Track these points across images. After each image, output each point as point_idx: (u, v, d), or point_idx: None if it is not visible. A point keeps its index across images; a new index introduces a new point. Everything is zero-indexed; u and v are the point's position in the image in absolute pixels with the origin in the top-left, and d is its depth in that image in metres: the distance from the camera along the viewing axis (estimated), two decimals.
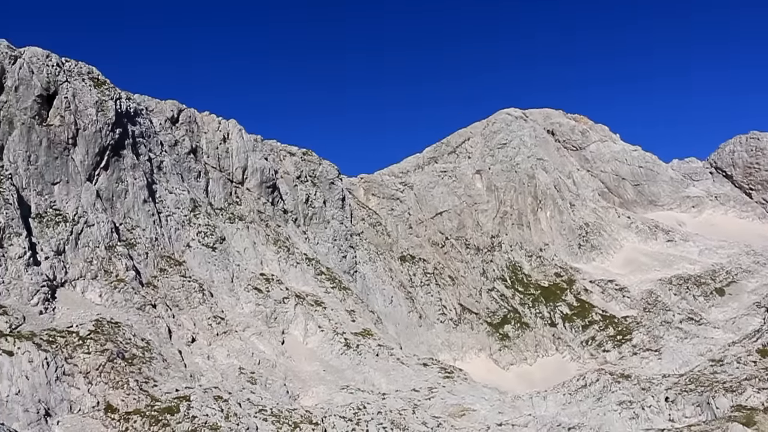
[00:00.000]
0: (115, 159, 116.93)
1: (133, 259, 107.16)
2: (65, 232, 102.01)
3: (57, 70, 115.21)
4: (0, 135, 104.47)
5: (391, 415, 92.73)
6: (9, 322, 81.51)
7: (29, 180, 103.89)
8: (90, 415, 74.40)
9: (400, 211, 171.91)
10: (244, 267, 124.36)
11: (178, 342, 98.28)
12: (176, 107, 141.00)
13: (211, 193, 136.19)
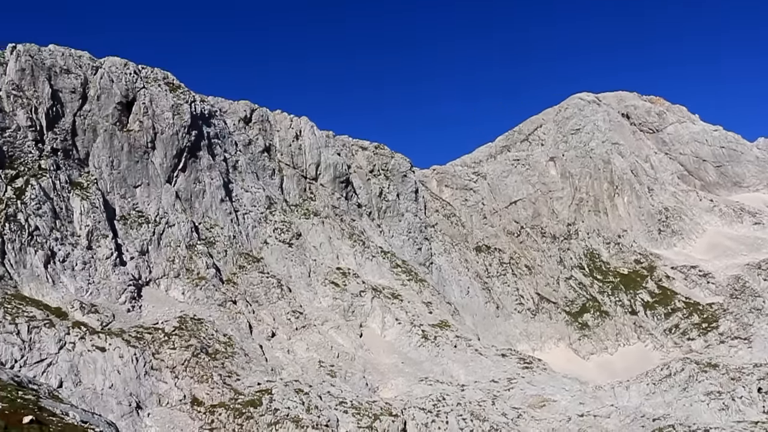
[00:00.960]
0: (192, 160, 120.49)
1: (212, 257, 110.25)
2: (148, 232, 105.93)
3: (134, 77, 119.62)
4: (85, 142, 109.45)
5: (471, 407, 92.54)
6: (100, 319, 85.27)
7: (113, 184, 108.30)
8: (177, 408, 77.17)
9: (474, 202, 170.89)
10: (320, 262, 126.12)
11: (259, 337, 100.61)
12: (249, 107, 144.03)
13: (286, 190, 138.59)
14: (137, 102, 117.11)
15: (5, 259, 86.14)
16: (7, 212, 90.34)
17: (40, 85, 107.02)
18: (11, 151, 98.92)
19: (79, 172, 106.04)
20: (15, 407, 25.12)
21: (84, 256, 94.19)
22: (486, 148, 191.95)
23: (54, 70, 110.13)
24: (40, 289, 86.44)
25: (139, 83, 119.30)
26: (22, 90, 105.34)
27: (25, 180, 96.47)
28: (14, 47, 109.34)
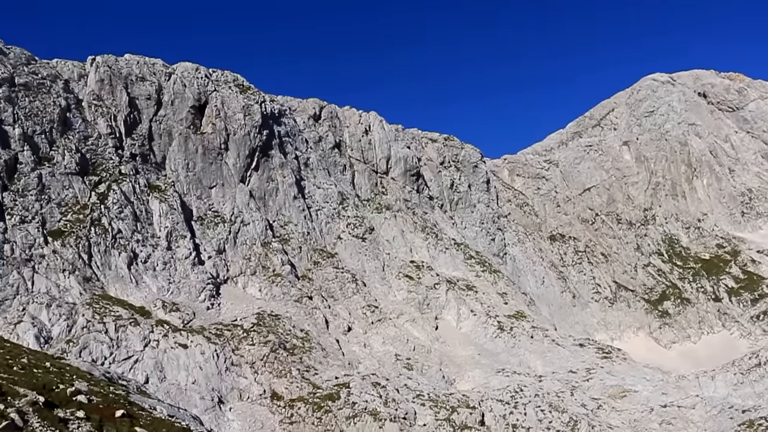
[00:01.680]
0: (265, 159, 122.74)
1: (287, 254, 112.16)
2: (224, 232, 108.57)
3: (206, 81, 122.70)
4: (162, 146, 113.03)
5: (549, 398, 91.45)
6: (181, 317, 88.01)
7: (189, 186, 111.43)
8: (258, 402, 78.98)
9: (547, 190, 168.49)
10: (394, 255, 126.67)
11: (335, 331, 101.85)
12: (318, 104, 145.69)
13: (358, 185, 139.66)
14: (209, 105, 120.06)
15: (92, 261, 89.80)
16: (92, 217, 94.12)
17: (118, 93, 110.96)
18: (94, 159, 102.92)
19: (157, 175, 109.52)
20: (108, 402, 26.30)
21: (164, 257, 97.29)
22: (557, 135, 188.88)
23: (130, 78, 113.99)
24: (125, 290, 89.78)
25: (211, 86, 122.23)
26: (101, 99, 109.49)
27: (107, 185, 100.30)
28: (93, 59, 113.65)
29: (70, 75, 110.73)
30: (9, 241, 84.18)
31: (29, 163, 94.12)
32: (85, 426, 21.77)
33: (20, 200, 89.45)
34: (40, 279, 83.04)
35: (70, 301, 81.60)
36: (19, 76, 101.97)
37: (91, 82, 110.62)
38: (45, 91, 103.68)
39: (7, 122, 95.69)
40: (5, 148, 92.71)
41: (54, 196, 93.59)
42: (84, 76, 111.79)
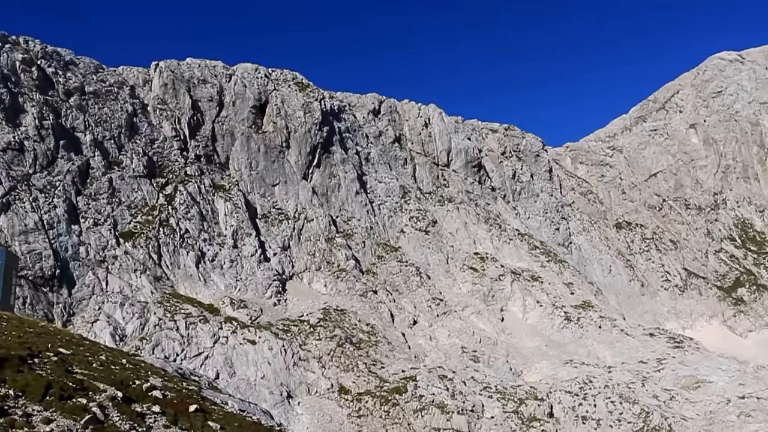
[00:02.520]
0: (326, 156, 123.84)
1: (351, 249, 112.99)
2: (288, 228, 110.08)
3: (265, 80, 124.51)
4: (225, 147, 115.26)
5: (619, 389, 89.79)
6: (249, 314, 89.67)
7: (253, 184, 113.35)
8: (326, 396, 79.92)
9: (611, 177, 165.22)
10: (457, 248, 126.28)
11: (401, 325, 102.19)
12: (377, 99, 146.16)
13: (419, 178, 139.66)
14: (270, 104, 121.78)
15: (162, 261, 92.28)
16: (160, 218, 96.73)
17: (181, 97, 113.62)
18: (160, 161, 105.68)
19: (221, 175, 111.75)
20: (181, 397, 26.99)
21: (231, 255, 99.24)
22: (620, 121, 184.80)
23: (192, 81, 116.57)
24: (194, 288, 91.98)
25: (270, 86, 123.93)
26: (165, 103, 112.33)
27: (174, 187, 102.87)
28: (157, 64, 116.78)
29: (136, 81, 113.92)
30: (84, 244, 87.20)
31: (100, 168, 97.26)
32: (161, 420, 22.42)
33: (93, 204, 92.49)
34: (113, 279, 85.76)
35: (142, 300, 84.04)
36: (88, 85, 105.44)
37: (155, 87, 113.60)
38: (113, 98, 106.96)
39: (79, 129, 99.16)
40: (78, 154, 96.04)
41: (124, 199, 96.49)
42: (148, 81, 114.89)
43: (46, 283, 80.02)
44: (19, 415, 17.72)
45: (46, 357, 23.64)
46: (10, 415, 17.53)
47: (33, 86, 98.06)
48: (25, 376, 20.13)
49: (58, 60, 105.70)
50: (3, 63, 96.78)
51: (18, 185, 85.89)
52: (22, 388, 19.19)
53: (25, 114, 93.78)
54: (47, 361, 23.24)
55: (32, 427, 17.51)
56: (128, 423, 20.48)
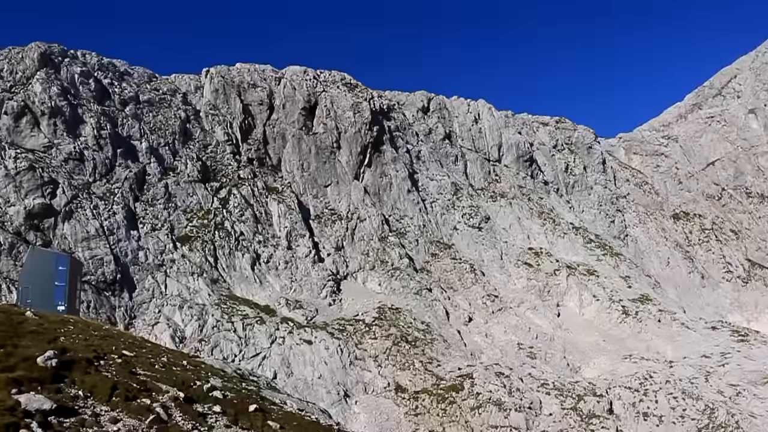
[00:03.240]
0: (377, 155, 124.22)
1: (404, 247, 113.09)
2: (341, 229, 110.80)
3: (314, 82, 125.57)
4: (276, 149, 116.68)
5: (681, 384, 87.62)
6: (305, 314, 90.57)
7: (305, 186, 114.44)
8: (383, 395, 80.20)
9: (667, 167, 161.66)
10: (511, 243, 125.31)
11: (456, 322, 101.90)
12: (425, 97, 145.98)
13: (470, 175, 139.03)
14: (319, 105, 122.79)
15: (218, 263, 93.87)
16: (216, 221, 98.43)
17: (232, 101, 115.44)
18: (214, 166, 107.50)
19: (274, 177, 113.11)
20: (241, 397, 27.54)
21: (285, 256, 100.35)
22: (675, 109, 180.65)
23: (243, 86, 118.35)
24: (250, 289, 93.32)
25: (319, 87, 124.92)
26: (217, 108, 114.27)
27: (228, 190, 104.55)
28: (208, 71, 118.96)
29: (188, 88, 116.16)
30: (143, 248, 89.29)
31: (156, 174, 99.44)
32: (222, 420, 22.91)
33: (150, 209, 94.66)
34: (172, 282, 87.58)
35: (200, 303, 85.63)
36: (142, 94, 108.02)
37: (206, 93, 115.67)
38: (166, 105, 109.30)
39: (135, 137, 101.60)
40: (134, 162, 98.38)
41: (180, 204, 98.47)
42: (200, 87, 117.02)
43: (108, 288, 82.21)
44: (88, 414, 18.35)
45: (111, 359, 24.38)
46: (80, 414, 18.17)
47: (91, 97, 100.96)
48: (92, 378, 20.81)
49: (114, 71, 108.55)
50: (63, 76, 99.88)
51: (79, 194, 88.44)
52: (90, 389, 19.85)
53: (84, 125, 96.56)
54: (112, 363, 23.96)
55: (101, 427, 18.11)
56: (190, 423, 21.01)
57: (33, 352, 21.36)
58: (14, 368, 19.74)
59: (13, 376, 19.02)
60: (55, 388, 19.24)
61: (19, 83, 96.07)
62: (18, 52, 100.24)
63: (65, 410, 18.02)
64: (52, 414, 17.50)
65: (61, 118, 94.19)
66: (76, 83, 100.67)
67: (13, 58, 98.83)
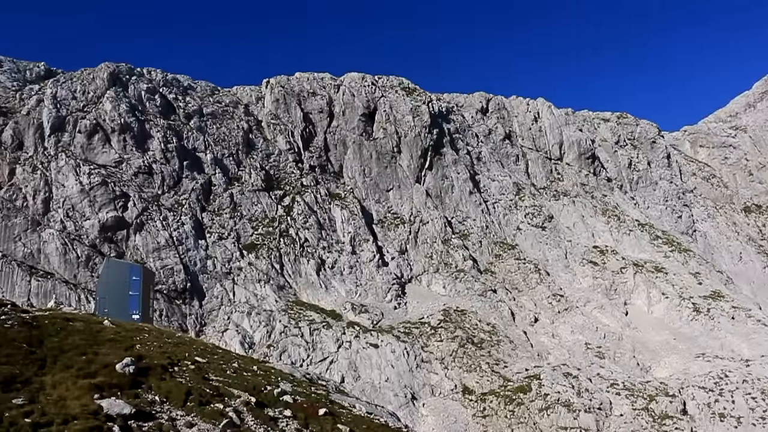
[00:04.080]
0: (437, 158, 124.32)
1: (468, 249, 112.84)
2: (405, 232, 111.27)
3: (372, 88, 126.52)
4: (337, 156, 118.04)
5: (760, 384, 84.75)
6: (370, 318, 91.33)
7: (367, 191, 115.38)
8: (450, 397, 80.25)
9: (736, 159, 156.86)
10: (575, 242, 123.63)
11: (522, 323, 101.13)
12: (484, 98, 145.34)
13: (532, 174, 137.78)
14: (378, 111, 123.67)
15: (284, 270, 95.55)
16: (280, 229, 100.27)
17: (293, 110, 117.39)
18: (277, 174, 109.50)
19: (336, 183, 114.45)
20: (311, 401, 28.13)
21: (349, 261, 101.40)
22: (742, 98, 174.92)
23: (302, 95, 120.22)
24: (315, 295, 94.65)
25: (378, 93, 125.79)
26: (278, 118, 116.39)
27: (291, 198, 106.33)
28: (268, 81, 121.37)
29: (249, 99, 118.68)
30: (211, 257, 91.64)
31: (221, 184, 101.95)
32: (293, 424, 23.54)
33: (217, 219, 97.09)
34: (239, 290, 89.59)
35: (267, 309, 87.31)
36: (206, 107, 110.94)
37: (267, 103, 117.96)
38: (229, 117, 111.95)
39: (200, 149, 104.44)
40: (200, 173, 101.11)
41: (245, 213, 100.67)
42: (261, 98, 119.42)
43: (178, 296, 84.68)
44: (165, 419, 19.21)
45: (184, 365, 25.30)
46: (157, 419, 19.05)
47: (157, 112, 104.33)
48: (167, 383, 21.72)
49: (178, 86, 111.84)
50: (131, 93, 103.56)
51: (149, 206, 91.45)
52: (166, 394, 20.75)
53: (152, 139, 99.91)
54: (186, 369, 24.87)
55: (177, 431, 18.94)
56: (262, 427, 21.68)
57: (112, 359, 22.42)
58: (95, 374, 20.80)
59: (95, 382, 20.05)
60: (133, 394, 20.19)
61: (90, 102, 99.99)
62: (89, 73, 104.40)
63: (143, 415, 18.92)
64: (132, 418, 18.41)
65: (130, 134, 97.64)
66: (143, 99, 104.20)
67: (84, 79, 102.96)
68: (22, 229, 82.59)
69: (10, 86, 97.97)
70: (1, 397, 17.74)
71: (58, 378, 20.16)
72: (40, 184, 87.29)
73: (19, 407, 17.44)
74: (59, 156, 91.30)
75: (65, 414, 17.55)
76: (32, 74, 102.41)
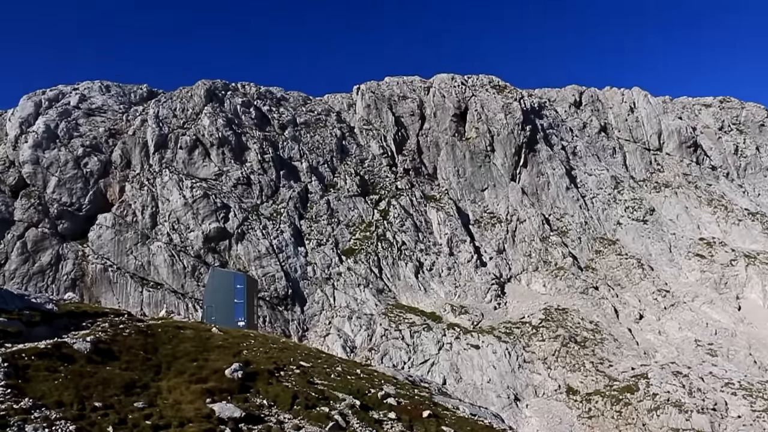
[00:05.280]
0: (531, 155, 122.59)
1: (567, 246, 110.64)
2: (502, 231, 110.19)
3: (462, 88, 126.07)
4: (431, 158, 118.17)
5: None
6: (470, 319, 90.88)
7: (462, 191, 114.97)
8: (554, 397, 78.77)
9: None
10: (680, 234, 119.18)
11: (626, 320, 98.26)
12: (576, 91, 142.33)
13: (630, 166, 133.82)
14: (470, 110, 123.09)
15: (382, 273, 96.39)
16: (378, 233, 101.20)
17: (384, 115, 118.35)
18: (371, 179, 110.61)
19: (431, 185, 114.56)
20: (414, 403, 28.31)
21: (447, 262, 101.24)
22: None
23: (393, 99, 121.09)
24: (414, 297, 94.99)
25: (468, 92, 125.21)
26: (370, 123, 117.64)
27: (387, 202, 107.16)
28: (358, 88, 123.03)
29: (341, 106, 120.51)
30: (310, 263, 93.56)
31: (317, 192, 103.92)
32: (397, 426, 23.75)
33: (315, 225, 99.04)
34: (339, 294, 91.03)
35: (367, 312, 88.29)
36: (299, 116, 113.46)
37: (359, 109, 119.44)
38: (322, 125, 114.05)
39: (296, 158, 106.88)
40: (296, 182, 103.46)
41: (342, 218, 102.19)
42: (352, 105, 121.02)
43: (281, 303, 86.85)
44: (273, 422, 19.82)
45: (290, 370, 25.97)
46: (266, 422, 19.67)
47: (252, 125, 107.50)
48: (274, 388, 22.38)
49: (271, 98, 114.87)
50: (227, 108, 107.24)
51: (249, 215, 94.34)
52: (273, 398, 21.38)
53: (249, 151, 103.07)
54: (291, 373, 25.53)
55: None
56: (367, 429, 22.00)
57: (221, 364, 23.30)
58: (206, 380, 21.70)
59: (206, 386, 20.93)
60: (242, 398, 20.96)
61: (189, 119, 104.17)
62: (187, 91, 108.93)
63: (253, 418, 19.59)
64: (242, 421, 19.10)
65: (227, 147, 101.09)
66: (239, 113, 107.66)
67: (183, 97, 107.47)
68: (133, 242, 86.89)
69: (117, 109, 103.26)
70: (124, 401, 18.81)
71: (173, 383, 21.16)
72: (147, 200, 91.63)
73: (140, 410, 18.50)
74: (163, 172, 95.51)
75: (181, 417, 18.42)
76: (136, 96, 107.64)
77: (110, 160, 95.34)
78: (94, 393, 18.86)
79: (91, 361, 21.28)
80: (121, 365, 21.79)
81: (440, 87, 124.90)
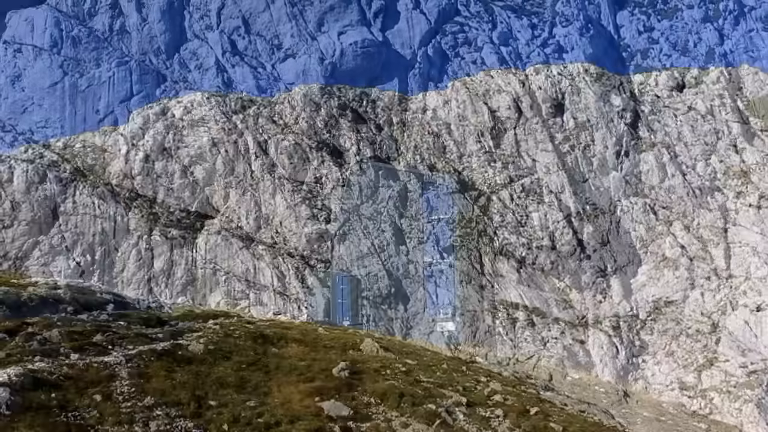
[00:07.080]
0: (633, 143, 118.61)
1: (675, 236, 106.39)
2: (605, 223, 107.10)
3: (558, 78, 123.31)
4: (529, 151, 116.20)
5: None
6: (576, 314, 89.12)
7: (562, 184, 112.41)
8: (665, 393, 76.27)
9: None
10: None
11: (742, 312, 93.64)
12: (678, 73, 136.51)
13: (740, 150, 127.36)
14: (566, 100, 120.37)
15: (484, 270, 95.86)
16: (478, 229, 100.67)
17: (479, 109, 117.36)
18: (470, 175, 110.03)
19: (530, 179, 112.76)
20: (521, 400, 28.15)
21: (550, 257, 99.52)
22: None
23: (488, 93, 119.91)
24: (517, 292, 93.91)
25: (564, 82, 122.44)
26: (466, 119, 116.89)
27: (486, 197, 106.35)
28: (453, 84, 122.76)
29: (436, 103, 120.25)
30: (412, 262, 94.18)
31: (416, 190, 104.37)
32: (505, 423, 23.69)
33: (415, 224, 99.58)
34: (442, 292, 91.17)
35: (470, 309, 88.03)
36: (395, 116, 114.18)
37: (453, 105, 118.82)
38: (417, 124, 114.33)
39: (393, 158, 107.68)
40: (395, 181, 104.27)
41: (442, 216, 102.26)
42: (447, 101, 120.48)
43: (384, 301, 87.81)
44: (380, 420, 20.14)
45: (395, 368, 26.31)
46: (373, 420, 20.01)
47: (349, 127, 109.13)
48: (381, 386, 22.74)
49: (367, 99, 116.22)
50: (323, 112, 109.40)
51: (350, 217, 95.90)
52: (380, 397, 21.74)
53: (347, 152, 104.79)
54: (397, 371, 25.86)
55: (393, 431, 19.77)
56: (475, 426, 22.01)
57: (328, 364, 23.87)
58: (314, 379, 22.29)
59: (314, 385, 21.50)
60: (350, 396, 21.37)
61: (288, 125, 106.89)
62: (284, 97, 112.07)
63: (361, 416, 19.95)
64: (350, 419, 19.48)
65: (326, 150, 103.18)
66: (336, 116, 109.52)
67: (280, 103, 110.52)
68: (239, 247, 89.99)
69: (219, 118, 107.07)
70: (236, 400, 19.63)
71: (282, 382, 21.86)
72: (250, 205, 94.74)
73: (252, 408, 19.28)
74: (265, 177, 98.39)
75: (291, 415, 19.06)
76: (237, 105, 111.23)
77: (214, 168, 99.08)
78: (209, 392, 19.77)
79: (205, 362, 22.26)
80: (233, 366, 22.70)
81: (535, 78, 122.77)
